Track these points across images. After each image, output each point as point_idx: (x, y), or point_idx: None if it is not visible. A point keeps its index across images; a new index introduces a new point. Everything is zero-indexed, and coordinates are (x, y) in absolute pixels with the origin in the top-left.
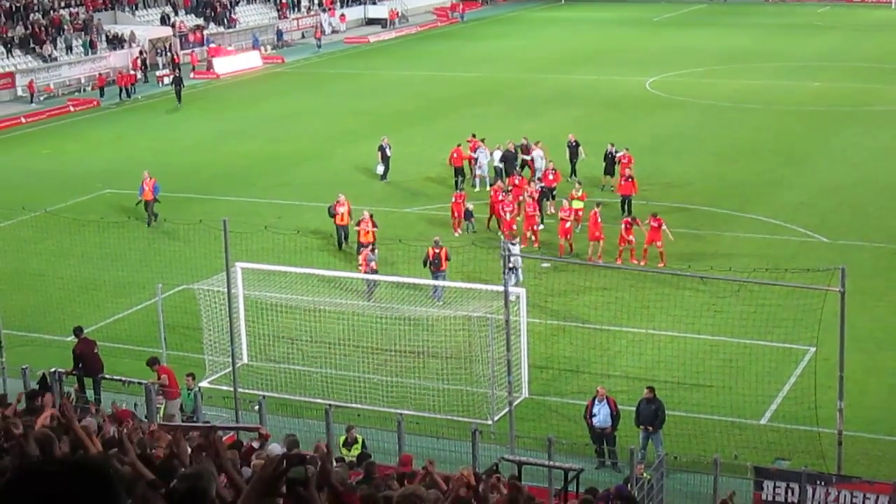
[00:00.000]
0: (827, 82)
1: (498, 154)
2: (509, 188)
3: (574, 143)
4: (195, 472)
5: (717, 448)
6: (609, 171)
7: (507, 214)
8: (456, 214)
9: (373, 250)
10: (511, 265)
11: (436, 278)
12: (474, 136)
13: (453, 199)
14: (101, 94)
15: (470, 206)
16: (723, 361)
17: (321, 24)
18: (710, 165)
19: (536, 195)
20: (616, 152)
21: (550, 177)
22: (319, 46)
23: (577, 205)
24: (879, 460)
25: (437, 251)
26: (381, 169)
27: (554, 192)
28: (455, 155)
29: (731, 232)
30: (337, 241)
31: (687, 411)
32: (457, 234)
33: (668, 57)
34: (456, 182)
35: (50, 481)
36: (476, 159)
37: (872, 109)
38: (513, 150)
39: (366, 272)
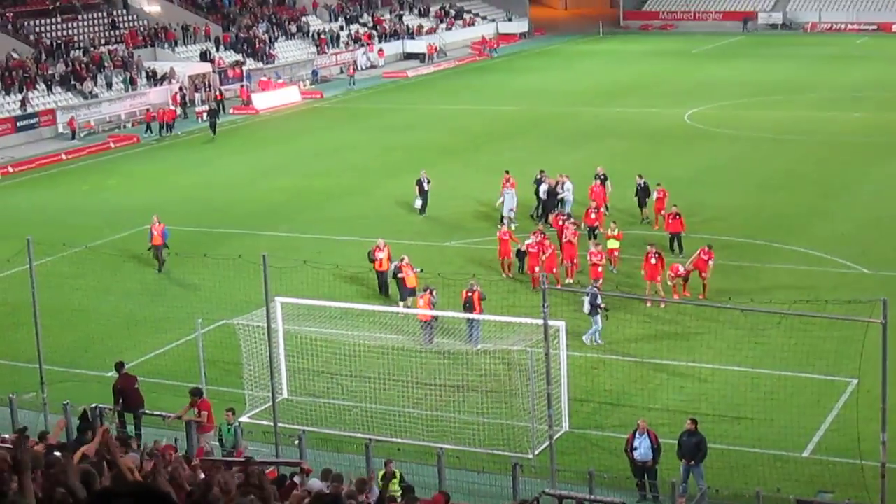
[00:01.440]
0: (867, 113)
1: (544, 187)
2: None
3: (602, 177)
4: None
5: (759, 481)
6: (642, 203)
7: (543, 254)
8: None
9: (433, 293)
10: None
11: (470, 322)
12: (507, 172)
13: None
14: (148, 130)
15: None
16: (764, 394)
17: (355, 61)
18: (749, 197)
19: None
20: (645, 184)
21: (592, 216)
22: (353, 84)
23: (613, 244)
24: None
25: (469, 294)
26: (419, 203)
27: (596, 232)
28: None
29: (772, 264)
30: (378, 286)
31: (729, 444)
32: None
33: (707, 89)
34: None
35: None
36: (503, 200)
37: None
38: (554, 184)
39: (427, 319)
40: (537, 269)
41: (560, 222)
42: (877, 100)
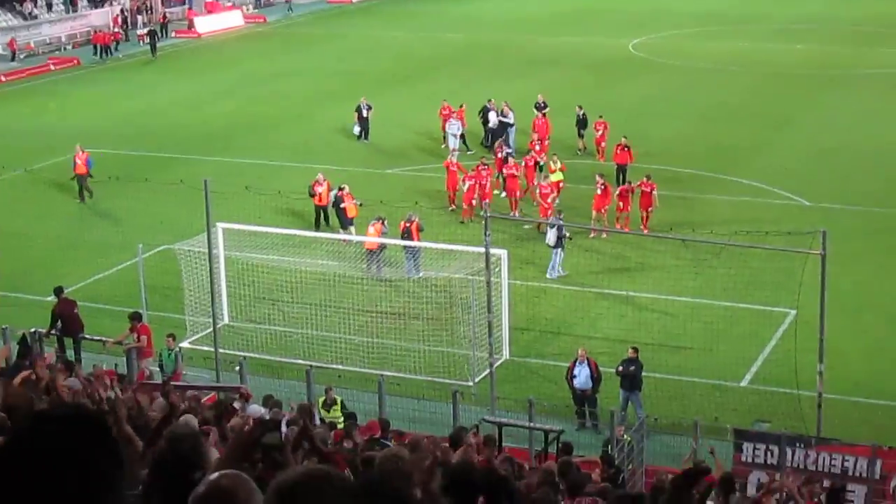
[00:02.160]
0: (811, 45)
1: (493, 116)
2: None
3: (543, 105)
4: (189, 433)
5: (698, 410)
6: (580, 134)
7: (466, 184)
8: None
9: (384, 222)
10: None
11: (407, 254)
12: (446, 101)
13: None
14: (96, 53)
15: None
16: (704, 324)
17: None
18: (693, 128)
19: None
20: (584, 115)
21: (537, 147)
22: (290, 10)
23: (557, 177)
24: (859, 423)
25: (407, 224)
26: (357, 129)
27: (540, 164)
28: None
29: (714, 195)
30: (315, 220)
31: (668, 373)
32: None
33: (652, 19)
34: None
35: (50, 427)
36: (446, 133)
37: (856, 73)
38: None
39: (374, 248)
40: (474, 200)
41: (501, 154)
42: (820, 33)
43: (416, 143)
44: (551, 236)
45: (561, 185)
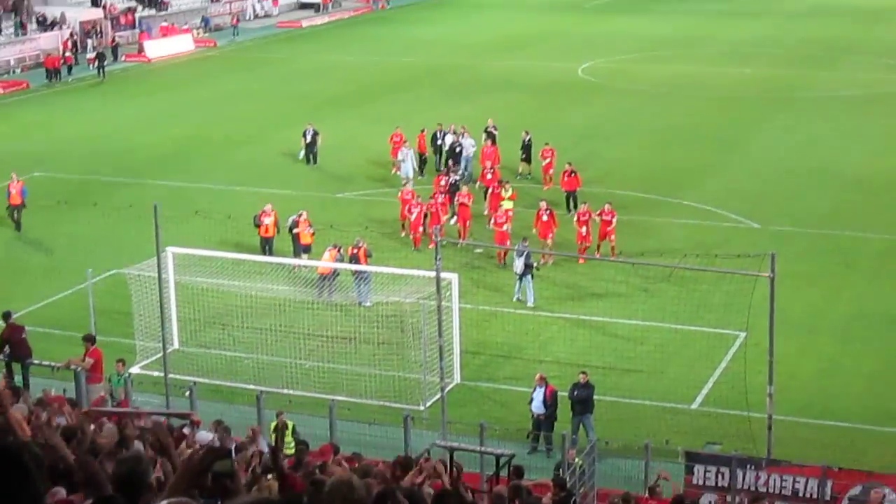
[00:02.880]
0: (758, 69)
1: (450, 140)
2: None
3: (492, 132)
4: (133, 456)
5: (649, 433)
6: (526, 158)
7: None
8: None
9: (340, 250)
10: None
11: (357, 279)
12: (399, 128)
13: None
14: (48, 76)
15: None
16: (654, 346)
17: (242, 11)
18: (641, 151)
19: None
20: (530, 140)
21: (489, 176)
22: (236, 34)
23: (508, 205)
24: (809, 444)
25: (355, 250)
26: (301, 154)
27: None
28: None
29: (663, 217)
30: (262, 252)
31: (619, 396)
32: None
33: (601, 43)
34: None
35: None
36: (400, 161)
37: (803, 96)
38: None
39: (328, 273)
40: (421, 228)
41: (448, 181)
42: (768, 55)
43: (366, 166)
44: (519, 264)
45: (510, 213)
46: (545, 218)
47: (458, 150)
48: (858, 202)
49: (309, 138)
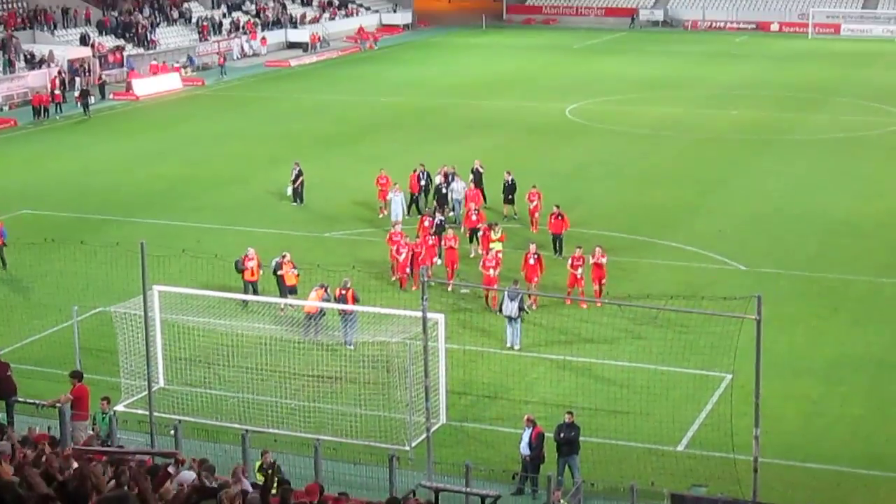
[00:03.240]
0: (744, 111)
1: (438, 179)
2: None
3: (478, 173)
4: (118, 495)
5: (635, 475)
6: (507, 199)
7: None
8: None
9: (326, 290)
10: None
11: (343, 322)
12: (384, 171)
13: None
14: (36, 114)
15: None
16: (640, 388)
17: (229, 49)
18: (628, 193)
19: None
20: (512, 181)
21: (473, 217)
22: (224, 73)
23: (497, 247)
24: (794, 486)
25: (343, 292)
26: (289, 190)
27: (478, 234)
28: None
29: (649, 259)
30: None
31: (605, 437)
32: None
33: (588, 84)
34: (417, 207)
35: None
36: (388, 202)
37: (789, 138)
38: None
39: (314, 312)
40: (407, 269)
41: (434, 221)
42: (754, 98)
43: (353, 206)
44: (513, 307)
45: (500, 255)
46: (532, 261)
47: (443, 191)
48: (844, 245)
49: (293, 176)
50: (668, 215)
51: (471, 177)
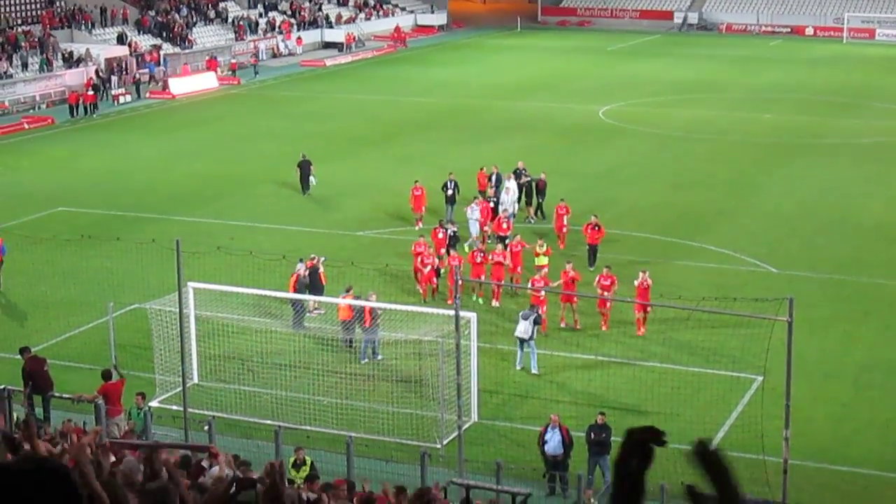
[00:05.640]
0: (778, 114)
1: (513, 184)
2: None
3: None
4: (160, 486)
5: (664, 475)
6: (529, 201)
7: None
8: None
9: (351, 291)
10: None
11: (366, 333)
12: (418, 182)
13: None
14: (72, 112)
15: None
16: (671, 389)
17: (260, 51)
18: (661, 195)
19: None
20: (529, 178)
21: (504, 225)
22: (256, 73)
23: (542, 261)
24: (824, 489)
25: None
26: (313, 181)
27: (507, 241)
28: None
29: (681, 261)
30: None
31: None
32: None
33: (622, 86)
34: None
35: (11, 480)
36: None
37: (822, 142)
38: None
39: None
40: (434, 281)
41: (451, 233)
42: (787, 101)
43: (386, 206)
44: (527, 328)
45: (545, 270)
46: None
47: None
48: (877, 249)
49: (309, 168)
50: (700, 217)
51: (513, 178)
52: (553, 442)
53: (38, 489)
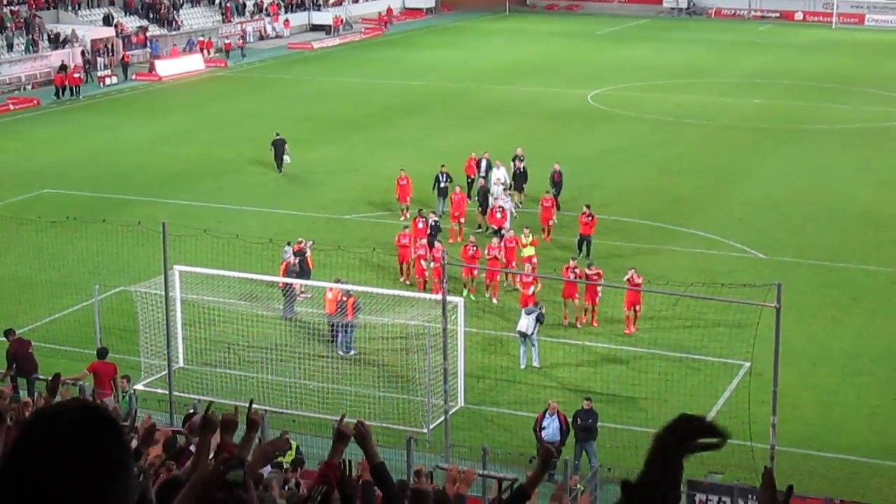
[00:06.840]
0: (767, 99)
1: (502, 172)
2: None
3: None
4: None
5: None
6: (518, 186)
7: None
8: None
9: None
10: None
11: (344, 330)
12: (404, 171)
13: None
14: (57, 93)
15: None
16: (658, 375)
17: (247, 33)
18: (649, 179)
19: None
20: (520, 162)
21: (498, 215)
22: (244, 55)
23: (528, 252)
24: (811, 475)
25: (344, 298)
26: (287, 160)
27: (501, 232)
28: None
29: (669, 246)
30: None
31: (622, 423)
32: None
33: (611, 71)
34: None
35: (59, 428)
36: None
37: (811, 128)
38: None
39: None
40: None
41: (432, 222)
42: (776, 87)
43: (375, 189)
44: (530, 324)
45: (534, 260)
46: (571, 277)
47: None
48: (865, 235)
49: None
50: (688, 202)
51: (513, 164)
52: (551, 428)
53: (86, 429)
